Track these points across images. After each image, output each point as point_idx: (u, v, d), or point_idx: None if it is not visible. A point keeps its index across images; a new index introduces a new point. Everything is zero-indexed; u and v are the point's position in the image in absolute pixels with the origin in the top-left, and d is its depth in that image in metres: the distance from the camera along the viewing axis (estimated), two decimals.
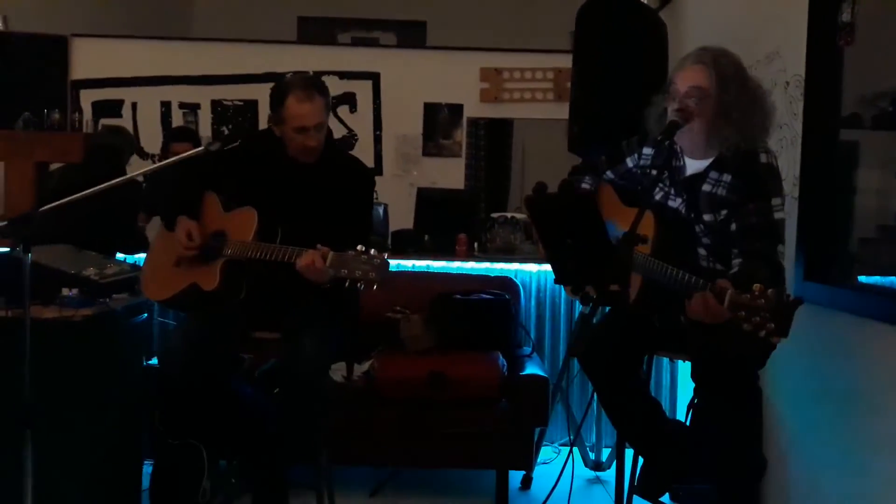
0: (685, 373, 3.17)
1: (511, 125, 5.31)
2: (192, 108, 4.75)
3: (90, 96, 4.67)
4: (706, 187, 2.16)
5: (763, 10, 2.86)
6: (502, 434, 3.08)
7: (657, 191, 2.24)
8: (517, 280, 3.61)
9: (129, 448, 2.73)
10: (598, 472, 3.46)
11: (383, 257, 2.06)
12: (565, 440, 3.56)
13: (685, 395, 3.37)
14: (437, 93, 4.76)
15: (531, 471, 3.29)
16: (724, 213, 2.12)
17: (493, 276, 3.62)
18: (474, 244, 3.88)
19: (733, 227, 2.09)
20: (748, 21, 2.97)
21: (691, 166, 2.21)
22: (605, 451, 3.48)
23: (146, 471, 2.82)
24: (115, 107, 4.69)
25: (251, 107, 4.72)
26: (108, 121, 4.55)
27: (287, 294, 2.38)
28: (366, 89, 4.77)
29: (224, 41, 4.87)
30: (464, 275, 3.65)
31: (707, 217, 2.16)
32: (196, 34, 5.76)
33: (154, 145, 4.46)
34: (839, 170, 2.48)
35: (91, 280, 2.51)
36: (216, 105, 4.75)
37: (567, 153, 3.52)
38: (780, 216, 2.07)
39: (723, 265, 2.11)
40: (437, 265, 3.73)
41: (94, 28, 4.77)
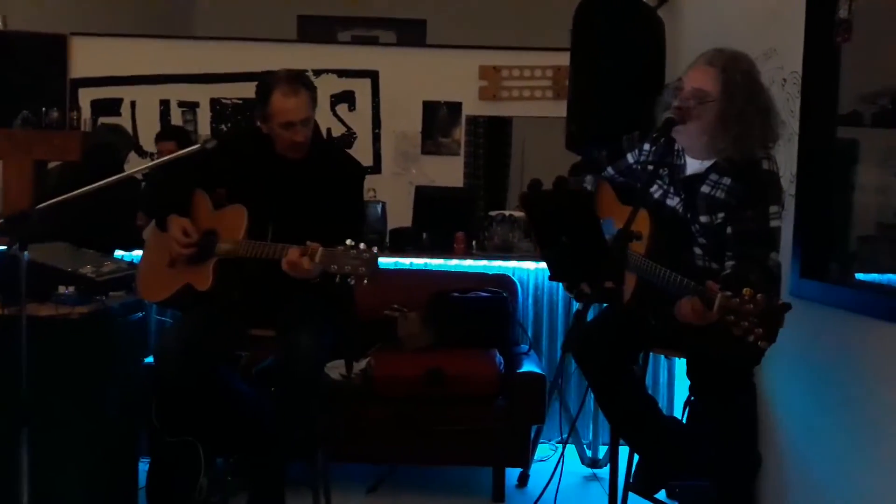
0: (682, 370, 3.17)
1: (510, 123, 5.29)
2: (191, 107, 4.74)
3: (89, 95, 4.67)
4: (705, 188, 2.14)
5: (760, 8, 2.86)
6: (499, 431, 3.08)
7: (656, 188, 2.23)
8: (515, 278, 3.62)
9: (126, 446, 2.73)
10: (594, 470, 3.46)
11: (373, 252, 2.05)
12: (562, 438, 3.56)
13: (683, 392, 3.37)
14: (435, 91, 4.75)
15: (528, 468, 3.29)
16: (720, 217, 2.10)
17: (491, 274, 3.62)
18: (472, 242, 3.89)
19: (729, 230, 2.07)
20: (746, 18, 2.96)
21: (692, 166, 2.19)
22: (602, 449, 3.48)
23: (143, 469, 2.83)
24: (114, 105, 4.68)
25: (250, 105, 4.70)
26: (107, 119, 4.54)
27: (281, 291, 2.38)
28: (365, 87, 4.76)
29: (223, 39, 4.86)
30: (461, 273, 3.66)
31: (703, 219, 2.15)
32: (196, 33, 5.76)
33: (152, 144, 4.46)
34: (837, 167, 2.47)
35: (87, 278, 2.51)
36: (215, 103, 4.74)
37: (566, 151, 3.52)
38: (776, 224, 2.05)
39: (718, 264, 2.10)
40: (435, 263, 3.73)
41: (93, 27, 4.76)
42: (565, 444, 2.55)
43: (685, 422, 2.52)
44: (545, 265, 2.40)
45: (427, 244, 3.83)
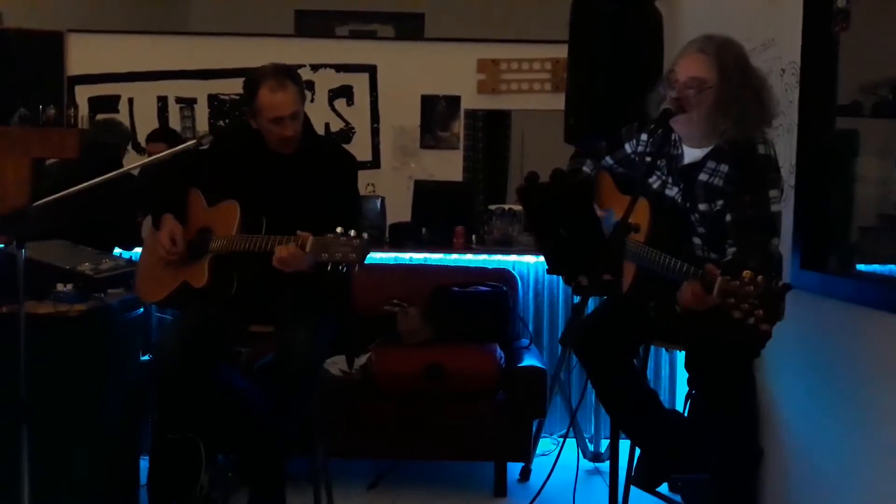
0: (683, 364, 3.17)
1: (509, 116, 5.29)
2: (188, 103, 4.73)
3: (86, 92, 4.65)
4: (703, 177, 2.14)
5: None
6: (500, 426, 3.08)
7: (655, 179, 2.22)
8: (515, 272, 3.61)
9: (127, 443, 2.73)
10: (597, 464, 3.46)
11: (363, 237, 2.05)
12: (564, 432, 3.56)
13: (684, 386, 3.36)
14: (434, 85, 4.74)
15: (530, 462, 3.29)
16: (719, 204, 2.10)
17: (491, 268, 3.61)
18: (472, 236, 3.88)
19: (728, 218, 2.07)
20: (744, 8, 2.95)
21: (689, 155, 2.18)
22: (604, 443, 3.48)
23: (144, 466, 2.83)
24: (111, 102, 4.67)
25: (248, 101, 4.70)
26: (104, 115, 4.53)
27: (278, 286, 2.37)
28: (363, 82, 4.75)
29: (221, 35, 4.84)
30: (461, 267, 3.65)
31: (702, 207, 2.14)
32: (193, 28, 5.73)
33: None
34: (837, 158, 2.46)
35: (86, 275, 2.51)
36: (213, 99, 4.74)
37: (565, 144, 3.51)
38: (776, 208, 2.05)
39: (717, 255, 2.09)
40: (434, 258, 3.72)
41: (89, 23, 4.74)
42: (566, 437, 2.55)
43: (686, 415, 2.51)
44: (543, 258, 2.39)
45: (426, 239, 3.83)
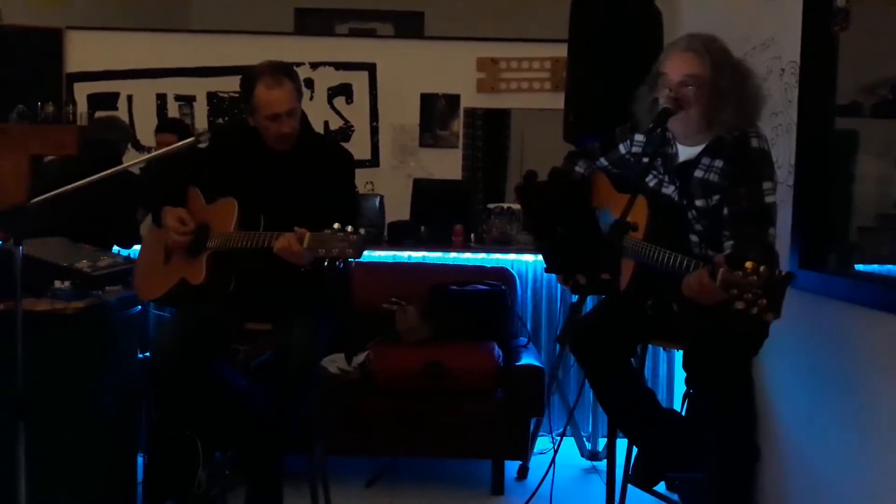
0: (681, 364, 3.17)
1: (508, 115, 5.27)
2: (187, 101, 4.73)
3: (85, 89, 4.65)
4: (698, 173, 2.16)
5: None
6: (498, 424, 3.08)
7: (651, 178, 2.24)
8: (513, 270, 3.61)
9: (124, 440, 2.72)
10: (594, 462, 3.46)
11: (359, 233, 2.07)
12: (562, 430, 3.56)
13: (682, 385, 3.37)
14: (433, 83, 4.73)
15: (527, 461, 3.29)
16: (716, 199, 2.12)
17: (490, 266, 3.61)
18: (471, 235, 3.88)
19: (725, 211, 2.09)
20: (743, 8, 2.94)
21: (683, 153, 2.20)
22: (602, 441, 3.48)
23: (141, 463, 2.82)
24: (110, 99, 4.66)
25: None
26: (103, 112, 4.52)
27: (276, 283, 2.37)
28: (362, 80, 4.75)
29: (220, 33, 4.84)
30: (460, 266, 3.65)
31: (699, 202, 2.16)
32: (192, 26, 5.73)
33: (149, 138, 4.44)
34: (836, 158, 2.46)
35: (83, 272, 2.50)
36: (212, 97, 4.73)
37: (565, 143, 3.51)
38: (770, 200, 2.07)
39: (714, 251, 2.10)
40: (433, 256, 3.72)
41: (88, 20, 4.74)
42: (563, 435, 2.54)
43: (684, 414, 2.51)
44: (541, 257, 2.39)
45: (425, 237, 3.83)
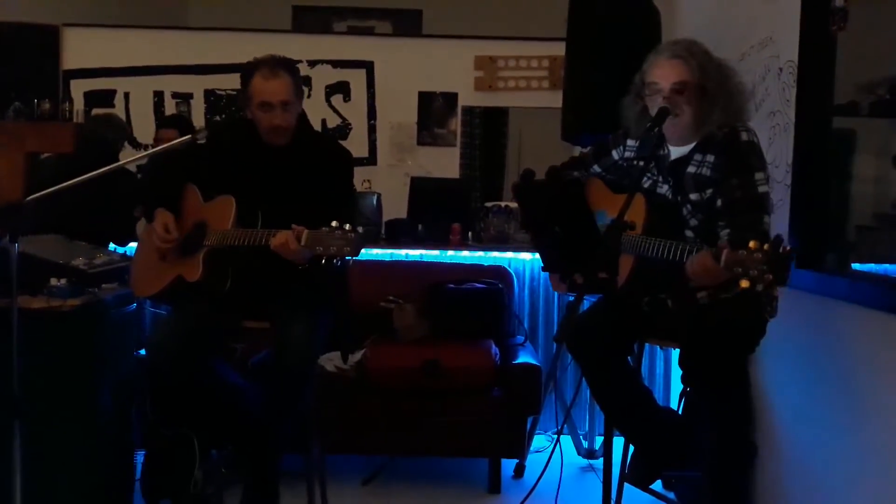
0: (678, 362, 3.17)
1: (506, 114, 5.28)
2: (184, 98, 4.72)
3: (82, 86, 4.64)
4: (691, 169, 2.19)
5: None
6: (495, 423, 3.08)
7: (645, 180, 2.26)
8: (511, 269, 3.61)
9: (121, 438, 2.72)
10: (591, 461, 3.46)
11: (357, 231, 2.06)
12: (558, 429, 3.55)
13: (679, 383, 3.37)
14: (431, 81, 4.73)
15: (524, 459, 3.29)
16: (709, 192, 2.15)
17: (487, 265, 3.61)
18: (468, 233, 3.87)
19: (719, 203, 2.11)
20: (741, 7, 2.94)
21: (675, 153, 2.23)
22: (598, 440, 3.48)
23: (138, 461, 2.82)
24: (107, 97, 4.66)
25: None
26: (100, 110, 4.51)
27: (273, 282, 2.37)
28: (360, 78, 4.74)
29: (218, 30, 4.83)
30: (457, 264, 3.65)
31: (693, 196, 2.18)
32: (190, 23, 5.72)
33: (146, 135, 4.43)
34: (833, 157, 2.47)
35: (79, 270, 2.49)
36: (209, 94, 4.72)
37: (562, 141, 3.50)
38: (763, 189, 2.09)
39: (710, 246, 2.11)
40: (430, 254, 3.72)
41: (85, 17, 4.72)
42: (560, 434, 2.54)
43: (681, 412, 2.51)
44: (539, 256, 2.39)
45: (423, 235, 3.82)
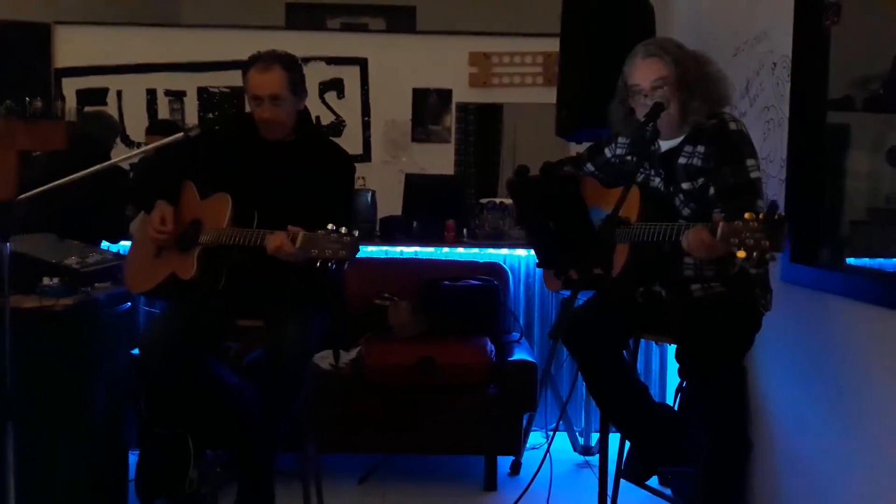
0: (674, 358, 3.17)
1: (500, 110, 5.27)
2: (177, 96, 4.70)
3: (74, 84, 4.62)
4: (682, 160, 2.20)
5: None
6: (491, 420, 3.07)
7: (639, 175, 2.27)
8: (506, 265, 3.61)
9: (114, 438, 2.71)
10: (587, 457, 3.46)
11: (353, 235, 2.06)
12: (554, 425, 3.55)
13: (675, 379, 3.37)
14: (425, 78, 4.72)
15: (520, 456, 3.29)
16: (701, 181, 2.17)
17: (482, 262, 3.61)
18: (463, 230, 3.86)
19: (712, 191, 2.13)
20: (735, 2, 2.94)
21: (665, 146, 2.25)
22: (594, 436, 3.48)
23: (132, 461, 2.81)
24: (99, 95, 4.64)
25: (238, 94, 4.67)
26: (92, 107, 4.49)
27: (268, 280, 2.36)
28: (353, 75, 4.73)
29: (211, 28, 4.81)
30: (452, 261, 3.64)
31: (685, 185, 2.20)
32: (182, 21, 5.70)
33: (139, 133, 4.42)
34: (828, 152, 2.47)
35: (72, 269, 2.48)
36: (202, 92, 4.71)
37: (557, 137, 3.50)
38: (755, 175, 2.11)
39: None
40: (425, 251, 3.71)
41: (77, 15, 4.70)
42: (555, 430, 2.54)
43: (677, 408, 2.51)
44: (533, 252, 2.39)
45: (417, 232, 3.81)
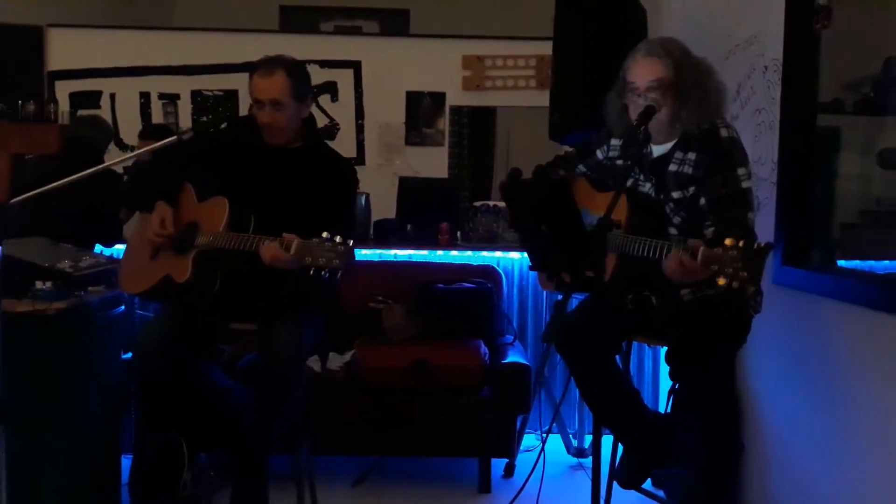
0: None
1: (494, 113, 5.27)
2: (171, 99, 4.70)
3: (67, 87, 4.61)
4: (672, 167, 2.20)
5: None
6: (485, 422, 3.08)
7: (628, 179, 2.25)
8: (499, 268, 3.61)
9: (108, 441, 2.70)
10: (580, 459, 3.47)
11: (348, 244, 2.05)
12: (548, 427, 3.56)
13: (667, 381, 3.38)
14: (419, 81, 4.73)
15: (514, 458, 3.29)
16: (692, 190, 2.16)
17: (476, 264, 3.61)
18: (457, 233, 3.87)
19: (703, 200, 2.12)
20: (727, 5, 2.96)
21: (657, 150, 2.24)
22: (588, 438, 3.48)
23: (125, 464, 2.80)
24: (93, 98, 4.63)
25: (231, 97, 4.67)
26: (85, 110, 4.48)
27: (262, 284, 2.36)
28: (347, 78, 4.73)
29: (204, 31, 4.82)
30: (446, 264, 3.65)
31: (676, 194, 2.19)
32: (176, 24, 5.69)
33: (133, 137, 4.41)
34: (819, 155, 2.48)
35: (65, 272, 2.48)
36: (196, 95, 4.70)
37: (550, 141, 3.51)
38: (747, 185, 2.10)
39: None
40: (419, 254, 3.72)
41: (70, 18, 4.69)
42: (549, 432, 2.55)
43: (669, 409, 2.52)
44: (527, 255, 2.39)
45: (411, 235, 3.82)
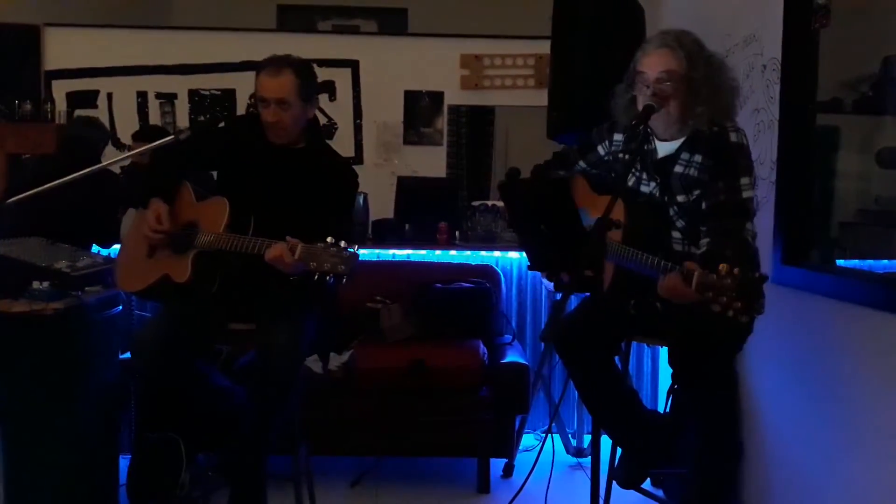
0: (666, 360, 3.18)
1: (492, 112, 5.27)
2: (168, 98, 4.68)
3: (64, 87, 4.59)
4: (678, 169, 2.16)
5: None
6: (484, 422, 3.07)
7: (630, 177, 2.23)
8: (498, 268, 3.61)
9: (105, 442, 2.69)
10: (579, 459, 3.46)
11: (353, 250, 2.05)
12: (547, 427, 3.56)
13: (667, 381, 3.38)
14: (417, 80, 4.72)
15: (513, 458, 3.29)
16: (696, 194, 2.13)
17: (474, 264, 3.61)
18: (455, 233, 3.86)
19: (703, 205, 2.10)
20: (725, 4, 2.95)
21: (662, 149, 2.20)
22: (587, 438, 3.48)
23: (123, 465, 2.80)
24: (90, 97, 4.61)
25: (229, 96, 4.66)
26: (83, 111, 4.47)
27: (260, 284, 2.35)
28: (345, 77, 4.72)
29: (202, 30, 4.80)
30: (444, 264, 3.64)
31: (680, 198, 2.16)
32: (173, 23, 5.68)
33: (129, 137, 4.40)
34: (818, 154, 2.48)
35: (62, 273, 2.47)
36: (193, 95, 4.69)
37: (548, 140, 3.50)
38: (748, 195, 2.08)
39: (697, 248, 2.10)
40: (417, 254, 3.71)
41: (67, 17, 4.68)
42: (549, 432, 2.54)
43: (669, 411, 2.52)
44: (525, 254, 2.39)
45: (410, 235, 3.81)
